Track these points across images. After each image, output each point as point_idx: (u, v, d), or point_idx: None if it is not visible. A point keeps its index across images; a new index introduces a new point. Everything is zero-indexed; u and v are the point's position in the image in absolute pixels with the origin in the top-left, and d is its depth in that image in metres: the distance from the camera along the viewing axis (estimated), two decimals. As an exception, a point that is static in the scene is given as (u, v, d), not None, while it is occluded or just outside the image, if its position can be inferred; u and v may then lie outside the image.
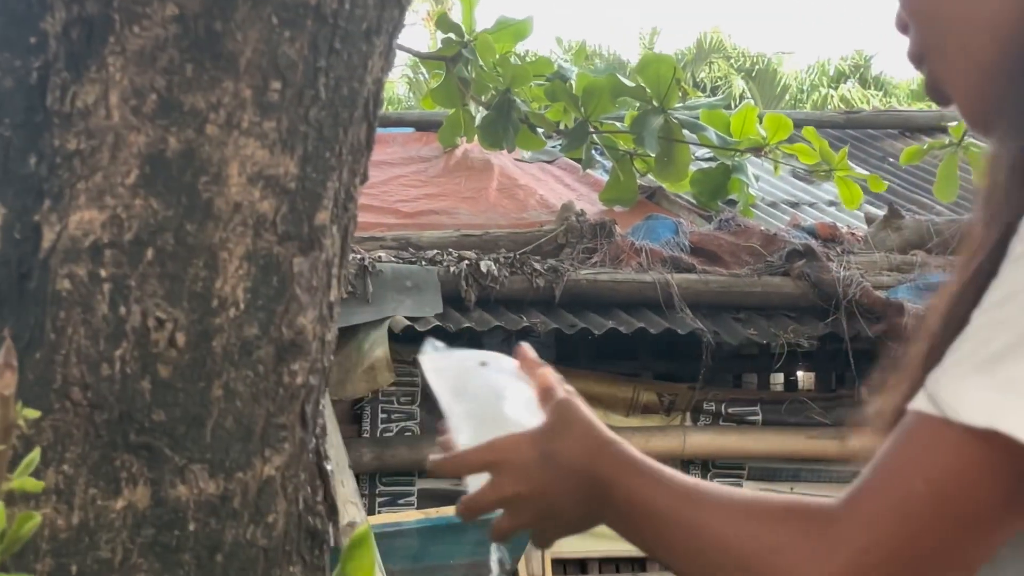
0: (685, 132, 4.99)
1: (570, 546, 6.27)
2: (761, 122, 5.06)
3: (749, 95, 19.78)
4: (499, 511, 1.43)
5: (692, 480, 1.35)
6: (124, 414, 1.47)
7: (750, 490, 1.35)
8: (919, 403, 1.18)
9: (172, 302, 1.49)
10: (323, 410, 1.65)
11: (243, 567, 1.51)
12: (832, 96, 21.09)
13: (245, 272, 1.52)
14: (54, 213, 1.50)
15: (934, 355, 1.22)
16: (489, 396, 1.48)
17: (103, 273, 1.48)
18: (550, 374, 1.52)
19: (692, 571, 1.32)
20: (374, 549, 1.49)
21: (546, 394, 1.49)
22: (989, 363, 1.14)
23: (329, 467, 1.65)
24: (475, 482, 1.45)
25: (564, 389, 1.54)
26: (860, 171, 4.97)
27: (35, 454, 1.23)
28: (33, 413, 1.31)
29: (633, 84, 4.87)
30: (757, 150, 4.95)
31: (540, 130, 5.21)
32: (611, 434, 1.41)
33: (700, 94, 12.96)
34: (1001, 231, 1.21)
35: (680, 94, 4.90)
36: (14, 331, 1.47)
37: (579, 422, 1.41)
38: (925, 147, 4.98)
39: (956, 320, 1.21)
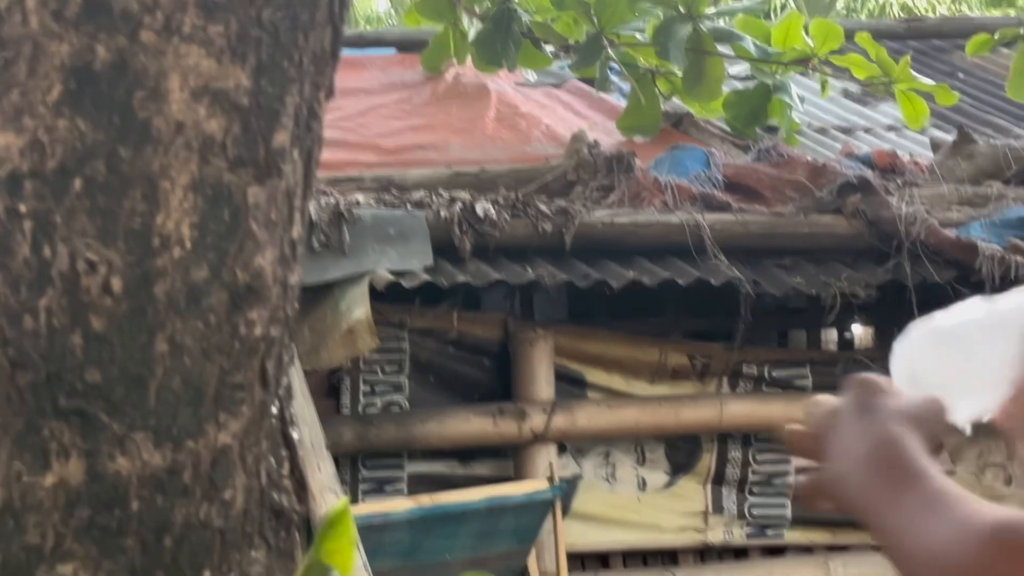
0: (717, 45, 4.97)
1: (587, 538, 6.30)
2: (807, 31, 5.04)
3: (792, 5, 19.73)
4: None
5: (960, 501, 1.41)
6: (52, 375, 1.47)
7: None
8: None
9: (105, 241, 1.48)
10: (288, 367, 1.65)
11: (196, 552, 1.51)
12: (892, 3, 21.03)
13: (191, 204, 1.52)
14: (-36, 139, 1.50)
15: None
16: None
17: (23, 208, 1.48)
18: None
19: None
20: (353, 529, 1.49)
21: None
22: None
23: (296, 434, 1.65)
24: None
25: None
26: (927, 82, 4.94)
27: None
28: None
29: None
30: (803, 62, 4.93)
31: (546, 46, 5.20)
32: (917, 422, 1.50)
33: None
34: None
35: (709, -3, 4.90)
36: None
37: (895, 408, 1.50)
38: (997, 36, 4.96)
39: None
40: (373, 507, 5.58)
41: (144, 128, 1.50)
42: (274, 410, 1.61)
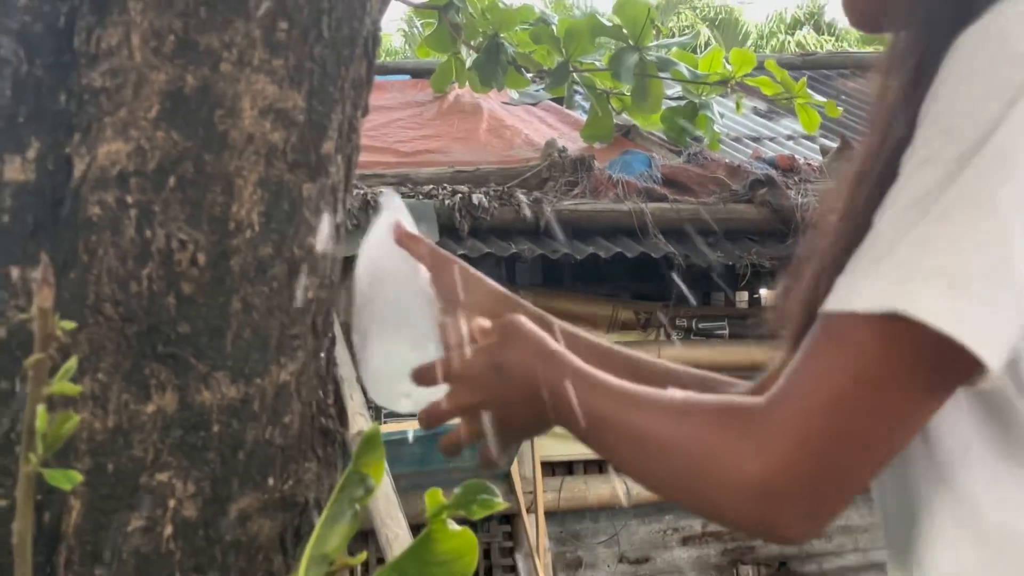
0: (658, 70, 4.95)
1: (556, 450, 6.30)
2: (727, 60, 5.05)
3: (714, 42, 19.69)
4: (457, 421, 1.44)
5: (632, 385, 1.31)
6: (152, 327, 1.46)
7: (685, 392, 1.27)
8: (831, 305, 1.14)
9: (193, 225, 1.48)
10: (332, 322, 1.65)
11: (263, 463, 1.51)
12: (789, 42, 21.03)
13: (259, 197, 1.51)
14: (83, 146, 1.49)
15: (836, 260, 1.19)
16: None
17: (129, 200, 1.47)
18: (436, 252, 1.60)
19: (638, 475, 1.30)
20: (382, 448, 1.49)
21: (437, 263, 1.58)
22: (886, 256, 1.11)
23: (340, 374, 1.65)
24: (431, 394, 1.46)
25: (514, 305, 1.58)
26: (819, 98, 4.95)
27: (72, 362, 1.23)
28: (69, 325, 1.31)
29: (611, 24, 4.85)
30: (724, 83, 4.92)
31: (527, 72, 5.18)
32: (556, 345, 1.38)
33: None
34: (898, 135, 1.18)
35: (654, 32, 4.86)
36: (51, 254, 1.46)
37: (526, 335, 1.39)
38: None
39: (854, 225, 1.18)
40: (392, 427, 5.58)
41: (223, 138, 1.49)
42: (322, 355, 1.61)
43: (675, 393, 1.27)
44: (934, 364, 1.11)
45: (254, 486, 1.50)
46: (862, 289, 1.12)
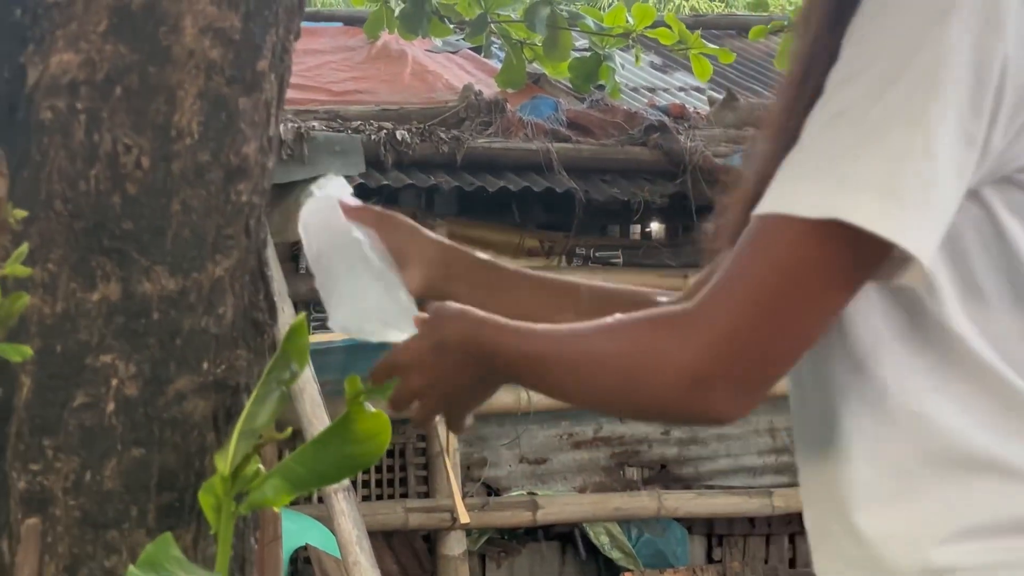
0: (568, 23, 4.93)
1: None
2: (630, 11, 5.03)
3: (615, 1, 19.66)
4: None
5: (564, 324, 1.30)
6: (98, 223, 1.44)
7: (615, 315, 1.27)
8: (763, 208, 1.14)
9: (138, 131, 1.45)
10: (264, 224, 1.63)
11: (198, 349, 1.50)
12: (684, 5, 21.02)
13: (198, 108, 1.49)
14: (37, 55, 1.46)
15: (767, 172, 1.19)
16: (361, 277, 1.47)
17: (79, 106, 1.44)
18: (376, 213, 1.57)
19: (584, 397, 1.29)
20: (307, 336, 1.48)
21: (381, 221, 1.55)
22: (823, 165, 1.11)
23: (269, 272, 1.63)
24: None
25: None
26: (712, 47, 4.96)
27: (23, 248, 1.22)
28: (21, 213, 1.29)
29: (526, -20, 4.85)
30: (627, 35, 4.90)
31: (449, 22, 5.14)
32: (485, 313, 1.35)
33: None
34: (823, 60, 1.17)
35: (564, -11, 4.86)
36: (6, 154, 1.43)
37: (456, 311, 1.35)
38: (769, 26, 4.98)
39: (783, 140, 1.18)
40: (318, 338, 5.54)
41: (166, 53, 1.47)
42: (254, 254, 1.59)
43: (607, 319, 1.25)
44: (858, 264, 1.12)
45: (190, 370, 1.49)
46: (798, 195, 1.12)
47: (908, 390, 1.19)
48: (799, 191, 1.12)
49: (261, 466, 1.41)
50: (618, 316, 1.24)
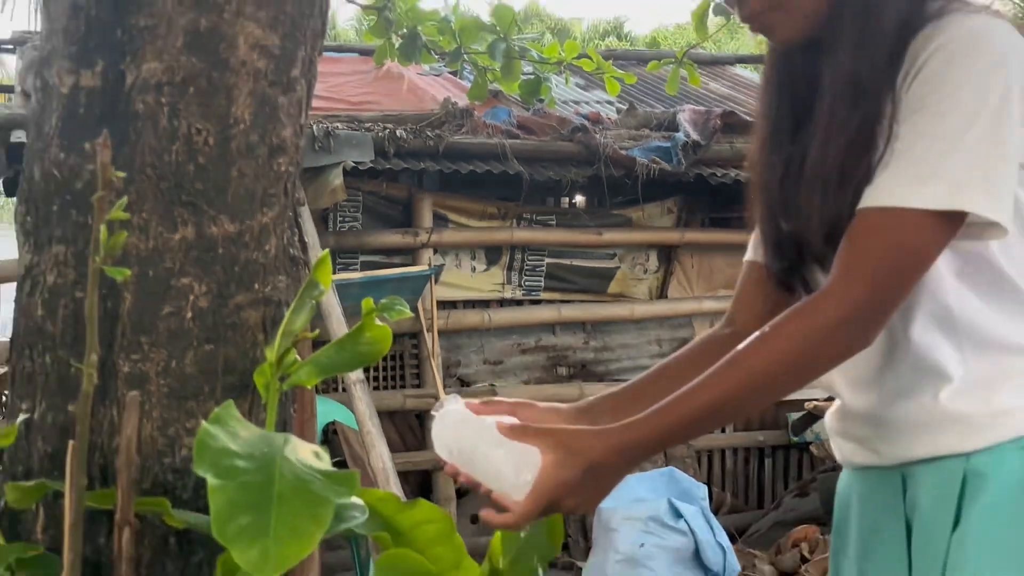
0: (519, 53, 4.88)
1: (446, 295, 6.30)
2: (562, 47, 4.97)
3: (549, 39, 19.47)
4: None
5: (708, 374, 1.18)
6: (178, 184, 1.41)
7: (744, 344, 1.21)
8: (882, 202, 1.17)
9: (205, 119, 1.42)
10: (299, 189, 1.60)
11: (251, 275, 1.48)
12: (600, 44, 20.87)
13: (249, 103, 1.46)
14: (132, 64, 1.42)
15: (842, 170, 1.21)
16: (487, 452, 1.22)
17: (163, 100, 1.41)
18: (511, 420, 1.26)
19: (785, 392, 1.17)
20: (330, 267, 1.47)
21: (520, 431, 1.21)
22: (941, 172, 1.16)
23: (301, 221, 1.61)
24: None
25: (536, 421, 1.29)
26: (620, 72, 4.94)
27: (123, 200, 1.19)
28: (120, 174, 1.26)
29: (490, 23, 4.77)
30: (559, 64, 4.87)
31: (434, 53, 5.07)
32: (609, 425, 1.19)
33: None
34: (878, 91, 1.21)
35: (517, 30, 4.78)
36: (111, 135, 1.39)
37: (589, 437, 1.18)
38: (660, 62, 4.96)
39: (860, 145, 1.21)
40: (340, 276, 5.51)
41: (225, 63, 1.43)
42: (290, 209, 1.57)
43: (750, 340, 1.18)
44: (954, 235, 1.19)
45: (245, 289, 1.47)
46: (920, 194, 1.16)
47: (965, 308, 1.25)
48: (921, 191, 1.16)
49: (298, 356, 1.40)
50: (762, 330, 1.19)
